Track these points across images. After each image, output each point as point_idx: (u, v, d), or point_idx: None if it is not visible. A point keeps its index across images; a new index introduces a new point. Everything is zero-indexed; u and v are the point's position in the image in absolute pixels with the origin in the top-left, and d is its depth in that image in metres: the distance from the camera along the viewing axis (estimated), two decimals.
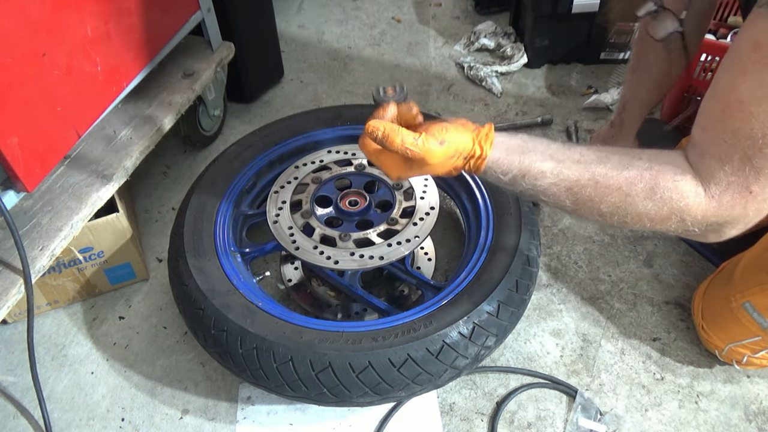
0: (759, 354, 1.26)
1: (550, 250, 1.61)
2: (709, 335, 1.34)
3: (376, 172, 1.45)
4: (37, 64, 1.15)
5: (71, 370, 1.42)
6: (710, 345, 1.35)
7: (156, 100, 1.57)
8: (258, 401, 1.34)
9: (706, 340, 1.36)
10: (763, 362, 1.29)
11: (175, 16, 1.55)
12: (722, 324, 1.30)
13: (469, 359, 1.17)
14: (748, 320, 1.23)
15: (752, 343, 1.25)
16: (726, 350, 1.30)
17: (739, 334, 1.26)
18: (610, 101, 1.98)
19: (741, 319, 1.24)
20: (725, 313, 1.28)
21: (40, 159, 1.21)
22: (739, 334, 1.26)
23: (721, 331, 1.31)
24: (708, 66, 1.69)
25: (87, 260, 1.44)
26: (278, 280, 1.56)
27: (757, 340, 1.24)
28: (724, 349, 1.30)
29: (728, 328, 1.28)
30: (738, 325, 1.25)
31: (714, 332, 1.32)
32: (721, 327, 1.30)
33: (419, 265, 1.55)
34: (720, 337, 1.31)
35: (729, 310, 1.26)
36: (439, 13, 2.48)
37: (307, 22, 2.46)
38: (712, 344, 1.34)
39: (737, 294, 1.25)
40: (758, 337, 1.23)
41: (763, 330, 1.22)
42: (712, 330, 1.32)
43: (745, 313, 1.23)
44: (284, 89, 2.15)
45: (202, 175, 1.49)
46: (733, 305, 1.25)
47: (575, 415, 1.29)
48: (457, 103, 2.07)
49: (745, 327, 1.24)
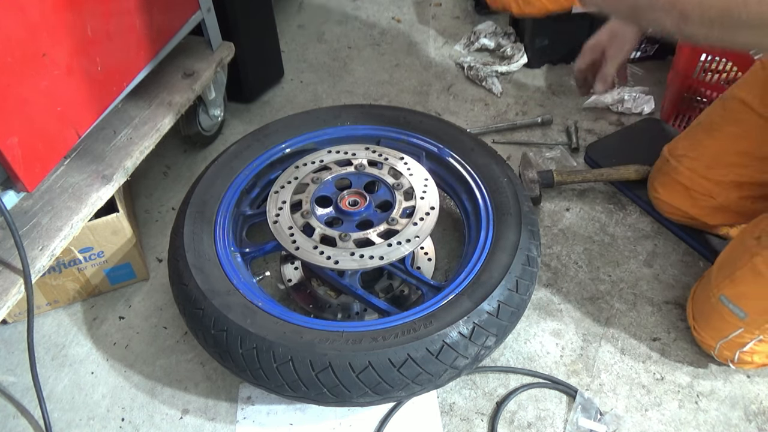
0: (747, 347, 1.27)
1: (550, 250, 1.61)
2: (701, 335, 1.35)
3: (376, 172, 1.45)
4: (37, 64, 1.15)
5: (71, 370, 1.42)
6: (704, 345, 1.36)
7: (156, 100, 1.57)
8: (258, 401, 1.34)
9: (700, 341, 1.36)
10: (754, 359, 1.29)
11: (175, 16, 1.55)
12: (709, 322, 1.32)
13: (469, 359, 1.17)
14: (727, 313, 1.26)
15: (737, 337, 1.27)
16: (718, 348, 1.32)
17: (724, 330, 1.29)
18: (610, 101, 1.98)
19: (722, 313, 1.27)
20: (709, 310, 1.31)
21: (40, 159, 1.21)
22: (724, 330, 1.29)
23: (709, 329, 1.32)
24: (708, 66, 1.69)
25: (87, 260, 1.44)
26: (278, 280, 1.56)
27: (741, 333, 1.26)
28: (716, 347, 1.32)
29: (714, 325, 1.31)
30: (721, 321, 1.28)
31: (705, 331, 1.34)
32: (709, 325, 1.32)
33: (419, 265, 1.55)
34: (710, 335, 1.32)
35: (711, 306, 1.29)
36: (439, 13, 2.48)
37: (307, 22, 2.46)
38: (705, 344, 1.35)
39: (714, 289, 1.28)
40: (740, 329, 1.25)
41: (741, 321, 1.24)
42: (703, 329, 1.34)
43: (723, 307, 1.26)
44: (284, 89, 2.15)
45: (202, 175, 1.49)
46: (713, 301, 1.28)
47: (575, 415, 1.29)
48: (457, 103, 2.07)
49: (726, 321, 1.27)
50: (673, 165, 1.52)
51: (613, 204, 1.72)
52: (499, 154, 1.52)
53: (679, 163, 1.50)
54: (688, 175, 1.49)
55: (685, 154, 1.50)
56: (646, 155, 1.66)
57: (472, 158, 1.50)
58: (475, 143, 1.54)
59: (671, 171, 1.53)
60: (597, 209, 1.71)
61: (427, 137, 1.57)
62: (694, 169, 1.47)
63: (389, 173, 1.45)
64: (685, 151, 1.50)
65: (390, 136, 1.58)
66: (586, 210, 1.71)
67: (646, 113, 1.96)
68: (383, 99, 2.10)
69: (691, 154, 1.48)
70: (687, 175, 1.49)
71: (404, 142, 1.57)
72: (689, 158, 1.48)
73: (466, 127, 1.93)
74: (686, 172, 1.49)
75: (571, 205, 1.72)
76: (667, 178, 1.54)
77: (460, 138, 1.56)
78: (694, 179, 1.48)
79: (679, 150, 1.52)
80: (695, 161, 1.47)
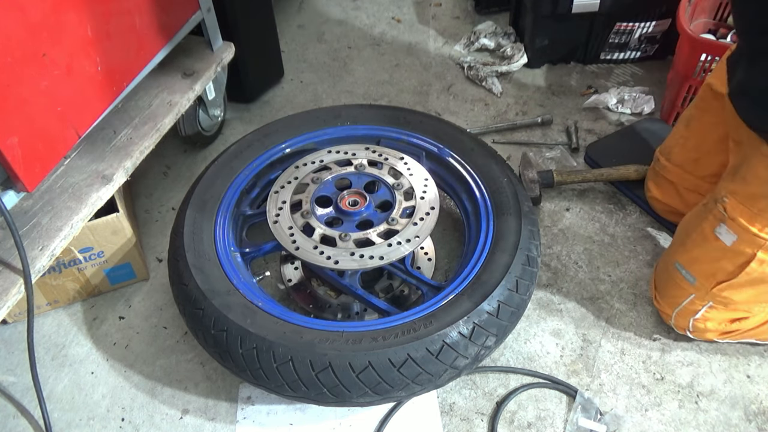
0: (698, 315, 1.31)
1: (550, 250, 1.61)
2: (660, 305, 1.39)
3: (376, 172, 1.45)
4: (37, 64, 1.15)
5: (71, 370, 1.42)
6: (663, 315, 1.40)
7: (156, 100, 1.57)
8: (258, 401, 1.34)
9: (660, 312, 1.41)
10: (707, 325, 1.32)
11: (174, 16, 1.55)
12: (666, 290, 1.36)
13: (469, 359, 1.17)
14: (681, 279, 1.30)
15: (689, 304, 1.31)
16: (674, 317, 1.36)
17: (678, 297, 1.33)
18: (610, 101, 1.98)
19: (676, 279, 1.31)
20: (666, 278, 1.35)
21: (40, 159, 1.21)
22: (678, 297, 1.33)
23: (667, 297, 1.36)
24: (708, 66, 1.69)
25: (87, 260, 1.44)
26: (278, 280, 1.56)
27: (692, 299, 1.30)
28: (672, 316, 1.36)
29: (670, 292, 1.35)
30: (675, 288, 1.32)
31: (663, 299, 1.38)
32: (666, 293, 1.36)
33: (419, 265, 1.55)
34: (667, 303, 1.36)
35: (668, 274, 1.34)
36: (439, 13, 2.48)
37: (307, 22, 2.46)
38: (664, 314, 1.39)
39: (671, 257, 1.33)
40: (692, 295, 1.29)
41: (691, 286, 1.28)
42: (663, 298, 1.38)
43: (678, 273, 1.31)
44: (284, 89, 2.15)
45: (202, 175, 1.49)
46: (669, 269, 1.33)
47: (575, 415, 1.29)
48: (457, 102, 2.07)
49: (680, 287, 1.31)
50: (663, 163, 1.54)
51: (613, 204, 1.72)
52: (499, 154, 1.52)
53: (668, 161, 1.53)
54: (676, 173, 1.51)
55: (672, 151, 1.52)
56: (646, 155, 1.66)
57: (472, 158, 1.50)
58: (475, 143, 1.54)
59: (661, 170, 1.55)
60: (597, 209, 1.71)
61: (427, 137, 1.56)
62: (681, 164, 1.50)
63: (389, 173, 1.45)
64: (671, 149, 1.53)
65: (390, 136, 1.58)
66: (586, 210, 1.71)
67: (646, 113, 1.96)
68: (383, 99, 2.10)
69: (677, 150, 1.51)
70: (675, 172, 1.51)
71: (404, 142, 1.57)
72: (675, 154, 1.51)
73: (466, 127, 1.93)
74: (674, 170, 1.51)
75: (571, 205, 1.72)
76: (658, 177, 1.57)
77: (460, 138, 1.56)
78: (682, 175, 1.50)
79: (667, 148, 1.54)
80: (681, 156, 1.50)
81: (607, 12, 1.96)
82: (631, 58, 2.13)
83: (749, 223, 1.15)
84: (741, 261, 1.19)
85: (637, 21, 2.00)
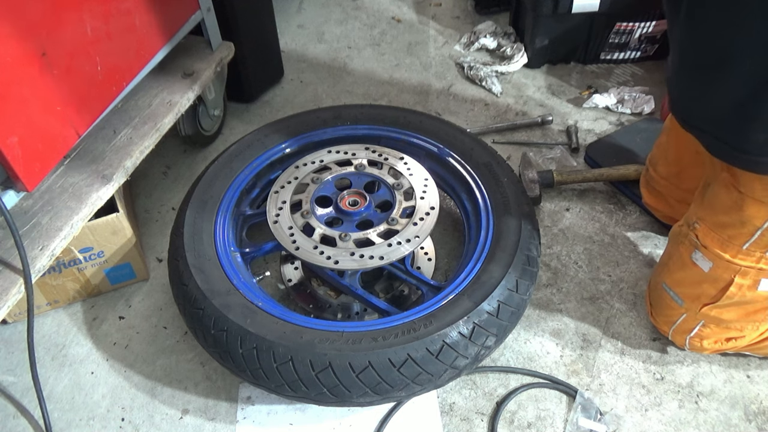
0: (693, 333, 1.30)
1: (550, 250, 1.61)
2: (656, 321, 1.39)
3: (376, 172, 1.45)
4: (37, 63, 1.15)
5: (71, 370, 1.42)
6: (661, 331, 1.39)
7: (156, 100, 1.57)
8: (258, 401, 1.34)
9: (657, 327, 1.40)
10: (704, 344, 1.31)
11: (174, 16, 1.55)
12: (660, 308, 1.36)
13: (469, 359, 1.17)
14: (670, 299, 1.29)
15: (683, 322, 1.30)
16: (671, 334, 1.35)
17: (671, 315, 1.32)
18: (610, 101, 1.98)
19: (665, 299, 1.31)
20: (658, 297, 1.35)
21: (40, 158, 1.21)
22: (671, 315, 1.32)
23: (662, 315, 1.36)
24: None
25: (87, 260, 1.44)
26: (278, 280, 1.56)
27: (685, 318, 1.28)
28: (669, 332, 1.35)
29: (663, 311, 1.34)
30: (667, 307, 1.32)
31: (659, 317, 1.37)
32: (660, 311, 1.36)
33: (419, 265, 1.55)
34: (663, 320, 1.36)
35: (659, 293, 1.33)
36: (439, 13, 2.48)
37: (307, 22, 2.46)
38: (661, 330, 1.38)
39: (658, 276, 1.32)
40: (683, 314, 1.28)
41: (681, 307, 1.27)
42: (658, 315, 1.37)
43: (666, 293, 1.30)
44: (284, 89, 2.15)
45: (202, 175, 1.49)
46: (659, 288, 1.32)
47: (575, 415, 1.29)
48: (457, 103, 2.07)
49: (671, 307, 1.30)
50: (651, 174, 1.52)
51: (613, 204, 1.72)
52: (499, 154, 1.52)
53: (655, 172, 1.51)
54: (663, 184, 1.50)
55: (657, 162, 1.50)
56: (646, 155, 1.66)
57: (472, 158, 1.50)
58: (475, 143, 1.54)
59: (650, 180, 1.54)
60: (597, 209, 1.71)
61: (427, 137, 1.56)
62: (666, 177, 1.48)
63: (389, 173, 1.45)
64: (657, 160, 1.50)
65: (390, 136, 1.58)
66: (586, 210, 1.71)
67: (646, 113, 1.96)
68: (383, 99, 2.10)
69: (661, 162, 1.48)
70: (663, 183, 1.50)
71: (404, 142, 1.57)
72: (660, 166, 1.49)
73: (466, 127, 1.93)
74: (661, 181, 1.50)
75: (571, 205, 1.72)
76: (649, 186, 1.56)
77: (460, 138, 1.56)
78: (669, 187, 1.49)
79: (654, 158, 1.52)
80: (664, 169, 1.47)
81: (607, 12, 1.96)
82: (631, 58, 2.13)
83: (721, 251, 1.13)
84: (721, 286, 1.17)
85: (637, 21, 2.00)
